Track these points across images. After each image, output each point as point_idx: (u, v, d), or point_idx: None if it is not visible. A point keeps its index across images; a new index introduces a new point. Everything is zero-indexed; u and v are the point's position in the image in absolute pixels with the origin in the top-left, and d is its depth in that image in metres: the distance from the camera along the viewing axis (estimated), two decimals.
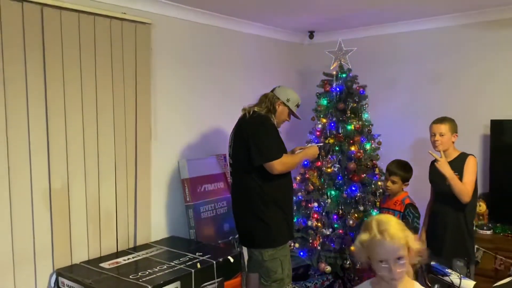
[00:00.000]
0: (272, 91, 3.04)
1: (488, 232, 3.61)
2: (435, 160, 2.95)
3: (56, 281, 2.71)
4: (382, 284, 1.69)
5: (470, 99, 3.91)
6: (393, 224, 1.64)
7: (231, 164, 3.04)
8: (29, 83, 2.60)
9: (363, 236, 1.67)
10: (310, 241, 3.64)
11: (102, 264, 2.80)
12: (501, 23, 3.72)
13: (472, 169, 2.94)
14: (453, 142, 3.04)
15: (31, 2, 2.56)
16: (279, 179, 2.85)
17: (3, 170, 2.52)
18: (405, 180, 3.21)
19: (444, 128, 3.00)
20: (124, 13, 3.05)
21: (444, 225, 3.02)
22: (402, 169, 3.22)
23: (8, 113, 2.52)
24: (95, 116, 2.93)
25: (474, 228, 3.63)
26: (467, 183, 2.89)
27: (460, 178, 2.92)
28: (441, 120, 3.04)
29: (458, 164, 2.96)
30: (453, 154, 3.03)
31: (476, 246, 3.43)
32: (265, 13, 3.84)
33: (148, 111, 3.26)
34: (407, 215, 3.09)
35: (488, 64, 3.81)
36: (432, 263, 2.30)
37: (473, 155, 3.01)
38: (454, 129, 3.04)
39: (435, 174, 3.04)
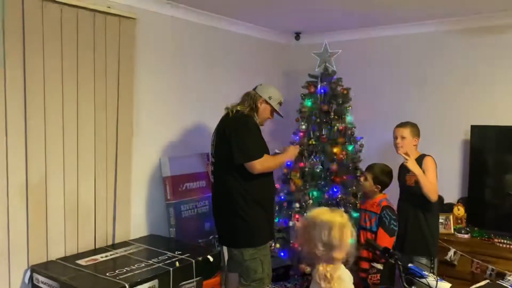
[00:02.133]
0: (254, 89, 3.03)
1: (466, 236, 3.66)
2: (402, 168, 3.17)
3: (31, 277, 2.65)
4: None
5: (451, 104, 3.97)
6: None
7: (213, 162, 3.02)
8: (7, 76, 2.54)
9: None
10: (291, 241, 3.64)
11: (79, 261, 2.75)
12: (482, 30, 3.78)
13: (432, 167, 3.10)
14: (414, 146, 3.20)
15: None
16: (262, 178, 2.84)
17: None
18: (377, 181, 3.22)
19: (405, 131, 3.18)
20: (109, 7, 3.01)
21: (405, 222, 3.16)
22: (378, 170, 3.24)
23: None
24: (75, 110, 2.88)
25: (453, 231, 3.71)
26: (432, 181, 3.05)
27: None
28: (403, 124, 3.22)
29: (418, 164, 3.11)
30: (414, 156, 3.17)
31: (453, 250, 3.49)
32: (252, 13, 3.84)
33: (130, 107, 3.21)
34: (384, 217, 3.12)
35: (470, 70, 3.88)
36: (409, 265, 2.32)
37: (430, 155, 3.15)
38: (415, 133, 3.20)
39: (400, 173, 3.24)
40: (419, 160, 3.15)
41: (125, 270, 2.61)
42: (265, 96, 2.98)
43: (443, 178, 3.52)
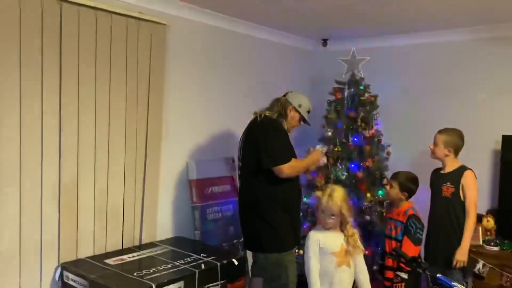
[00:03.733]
0: (284, 95, 3.04)
1: (495, 248, 3.56)
2: (437, 175, 3.18)
3: (61, 274, 2.73)
4: (320, 229, 2.61)
5: (482, 114, 3.89)
6: (339, 193, 2.53)
7: (240, 167, 3.05)
8: (44, 78, 2.63)
9: (318, 193, 2.61)
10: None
11: (107, 260, 2.81)
12: None
13: (473, 184, 3.04)
14: (446, 155, 3.11)
15: None
16: (288, 183, 2.84)
17: (15, 162, 2.54)
18: (404, 188, 3.16)
19: (438, 138, 3.13)
20: (141, 12, 3.08)
21: (437, 233, 3.11)
22: (403, 177, 3.19)
23: (23, 107, 2.55)
24: (107, 113, 2.96)
25: (482, 243, 3.63)
26: (471, 200, 3.01)
27: (457, 191, 3.03)
28: (442, 130, 3.16)
29: (455, 177, 3.06)
30: (452, 166, 3.12)
31: (482, 262, 3.41)
32: (280, 19, 3.86)
33: (160, 111, 3.28)
34: (409, 226, 3.07)
35: (501, 78, 3.80)
36: (438, 275, 2.28)
37: (471, 169, 3.08)
38: (448, 143, 3.10)
39: (434, 182, 3.21)
40: (458, 171, 3.07)
41: (152, 271, 2.65)
42: (295, 104, 2.99)
43: None
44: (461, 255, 2.99)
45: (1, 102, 2.46)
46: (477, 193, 3.04)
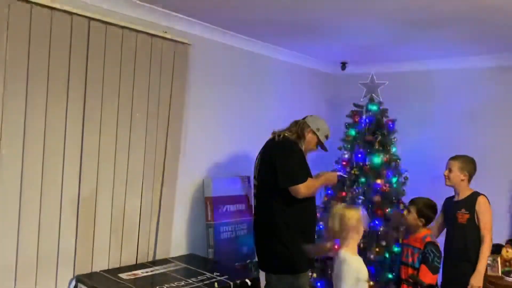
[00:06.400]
0: (304, 118, 3.06)
1: None
2: (451, 203, 3.20)
3: (75, 286, 2.74)
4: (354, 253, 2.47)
5: (502, 140, 3.85)
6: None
7: (256, 186, 3.05)
8: (70, 93, 2.69)
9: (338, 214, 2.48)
10: (329, 272, 3.57)
11: (121, 275, 2.81)
12: None
13: (486, 209, 3.04)
14: (462, 180, 3.13)
15: (80, 15, 2.68)
16: (304, 204, 2.84)
17: (37, 175, 2.59)
18: (421, 214, 3.13)
19: (453, 164, 3.15)
20: (165, 32, 3.16)
21: (454, 260, 3.08)
22: (422, 203, 3.17)
23: (48, 121, 2.61)
24: (128, 129, 3.01)
25: (501, 274, 3.53)
26: (486, 224, 3.01)
27: (472, 217, 3.04)
28: (455, 157, 3.18)
29: (469, 203, 3.07)
30: (465, 193, 3.13)
31: None
32: (300, 42, 3.91)
33: (179, 128, 3.32)
34: (427, 253, 3.03)
35: None
36: None
37: (484, 194, 3.08)
38: (464, 168, 3.12)
39: (448, 209, 3.22)
40: (471, 198, 3.07)
41: (164, 287, 2.64)
42: (313, 127, 3.00)
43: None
44: (476, 281, 2.96)
45: (27, 117, 2.52)
46: (491, 218, 3.04)
